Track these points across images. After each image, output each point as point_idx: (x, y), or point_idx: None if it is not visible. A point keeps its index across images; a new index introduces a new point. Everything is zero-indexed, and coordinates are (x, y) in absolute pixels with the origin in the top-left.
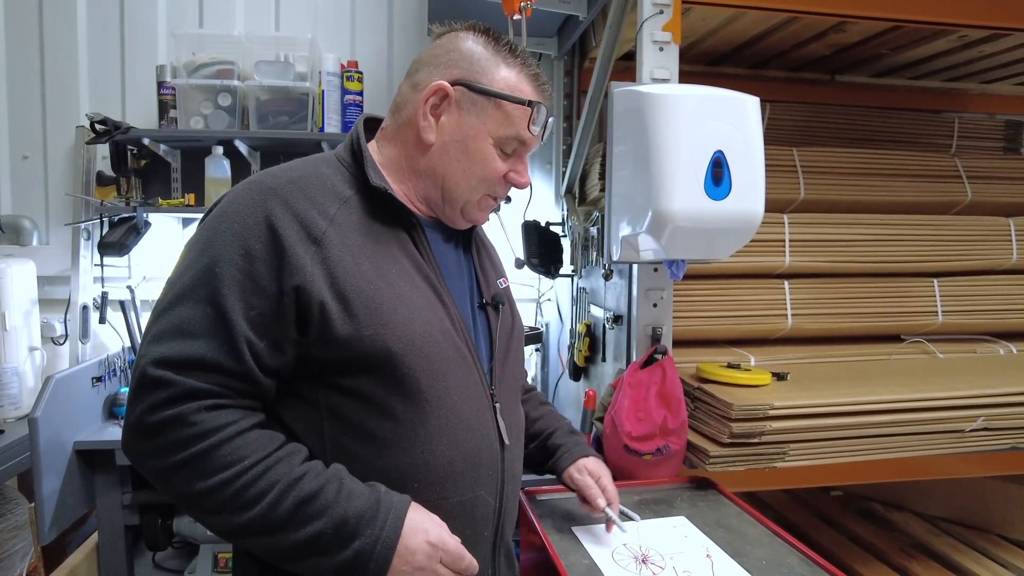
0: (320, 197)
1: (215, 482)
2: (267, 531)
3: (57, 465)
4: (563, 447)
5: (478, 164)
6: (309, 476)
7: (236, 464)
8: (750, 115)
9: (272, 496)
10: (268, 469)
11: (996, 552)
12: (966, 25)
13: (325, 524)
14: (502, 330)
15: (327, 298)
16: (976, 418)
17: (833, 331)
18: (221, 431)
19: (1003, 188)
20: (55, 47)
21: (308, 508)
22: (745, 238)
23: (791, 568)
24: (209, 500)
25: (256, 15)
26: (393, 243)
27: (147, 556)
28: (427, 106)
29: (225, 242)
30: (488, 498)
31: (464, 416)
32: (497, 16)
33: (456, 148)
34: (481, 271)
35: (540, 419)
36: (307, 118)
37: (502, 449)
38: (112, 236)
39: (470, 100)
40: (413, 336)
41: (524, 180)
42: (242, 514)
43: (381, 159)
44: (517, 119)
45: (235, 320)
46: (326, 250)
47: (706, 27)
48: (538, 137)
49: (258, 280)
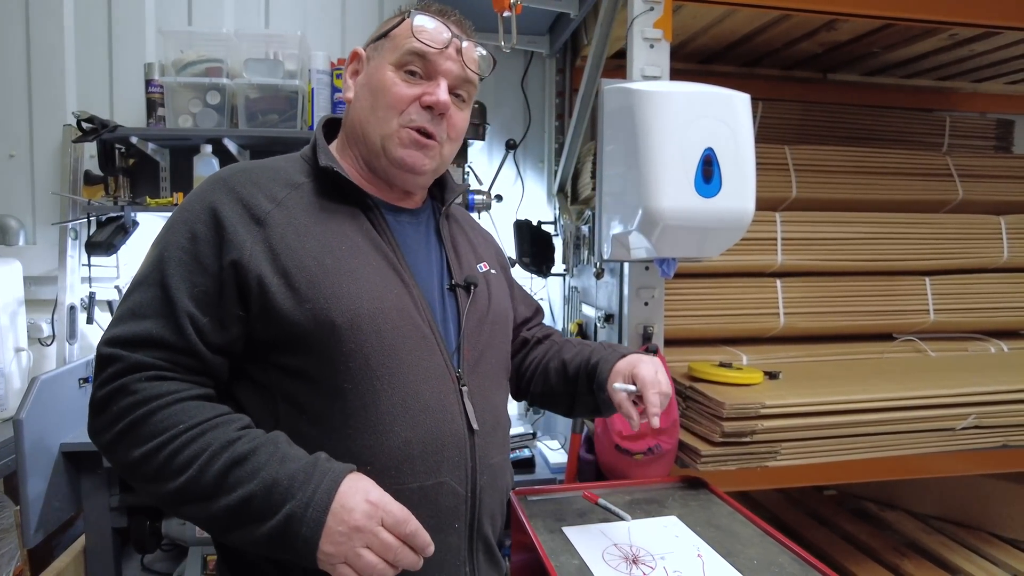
0: (269, 184)
1: (150, 448)
2: (199, 496)
3: (43, 467)
4: (601, 360)
5: (381, 94)
6: (243, 440)
7: (170, 429)
8: (740, 112)
9: (203, 460)
10: (202, 434)
11: (988, 550)
12: (956, 23)
13: (255, 487)
14: (473, 312)
15: (266, 272)
16: (967, 416)
17: (825, 330)
18: (159, 399)
19: (994, 186)
20: (41, 44)
21: (238, 471)
22: (736, 236)
23: (782, 567)
24: (145, 467)
25: (245, 13)
26: (347, 223)
27: (135, 559)
28: (347, 72)
29: (175, 230)
30: (455, 486)
31: (423, 397)
32: (487, 13)
33: (364, 92)
34: (455, 252)
35: (579, 353)
36: (296, 116)
37: (470, 435)
38: (100, 235)
39: (373, 48)
40: (360, 310)
41: (437, 97)
42: (175, 479)
43: (337, 146)
44: (403, 36)
45: (178, 297)
46: (269, 229)
47: (697, 25)
48: (442, 51)
49: (201, 259)
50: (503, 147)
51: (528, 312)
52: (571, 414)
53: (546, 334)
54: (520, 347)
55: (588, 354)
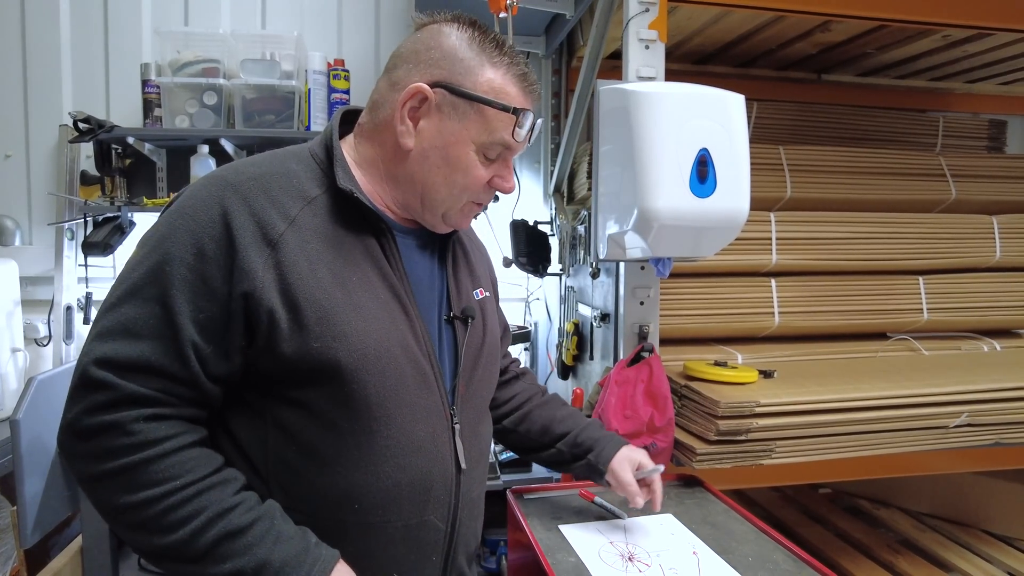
0: (282, 196)
1: (142, 498)
2: (186, 558)
3: (40, 467)
4: (600, 440)
5: (460, 172)
6: (240, 509)
7: (167, 483)
8: (735, 113)
9: (197, 524)
10: (199, 493)
11: (980, 547)
12: (950, 24)
13: (246, 563)
14: (469, 346)
15: (276, 306)
16: (960, 414)
17: (820, 329)
18: (158, 445)
19: (987, 186)
20: (38, 44)
21: (231, 544)
22: (731, 236)
23: (777, 564)
24: (132, 515)
25: (242, 13)
26: (358, 249)
27: (132, 559)
28: (405, 109)
29: (178, 239)
30: (438, 523)
31: (416, 437)
32: (483, 14)
33: (436, 155)
34: (455, 281)
35: (567, 419)
36: (293, 117)
37: (458, 473)
38: (96, 236)
39: (451, 104)
40: (367, 350)
41: (509, 185)
42: (163, 536)
43: (356, 156)
44: (501, 125)
45: (182, 323)
46: (281, 254)
47: (692, 26)
48: (524, 142)
49: (209, 282)
50: None
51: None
52: (523, 456)
53: (522, 371)
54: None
55: (583, 425)
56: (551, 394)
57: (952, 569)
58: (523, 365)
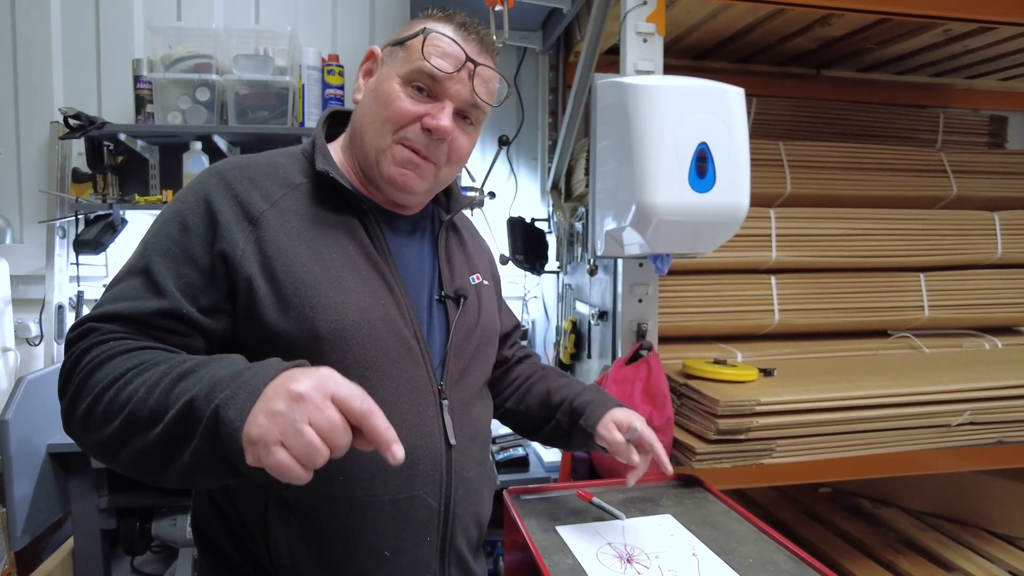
0: (265, 182)
1: (96, 392)
2: (144, 423)
3: (30, 468)
4: (592, 403)
5: (382, 105)
6: (193, 361)
7: (120, 370)
8: (734, 107)
9: (149, 383)
10: (151, 367)
11: (982, 547)
12: (951, 18)
13: (198, 390)
14: (461, 324)
15: (255, 275)
16: (962, 412)
17: (820, 326)
18: (113, 348)
19: (988, 183)
20: (27, 39)
21: (184, 382)
22: (730, 231)
23: (778, 565)
24: (91, 417)
25: (235, 8)
26: (340, 230)
27: (125, 561)
28: (361, 71)
29: (166, 220)
30: (428, 500)
31: (400, 410)
32: (479, 8)
33: (370, 97)
34: (447, 263)
35: (563, 388)
36: (287, 113)
37: (448, 449)
38: (88, 234)
39: (388, 53)
40: (345, 321)
41: (436, 123)
42: (119, 415)
43: (342, 143)
44: (416, 51)
45: (164, 283)
46: (261, 230)
47: (691, 20)
48: (452, 75)
49: (190, 251)
50: (496, 143)
51: (509, 326)
52: (532, 437)
53: (526, 354)
54: (500, 363)
55: (578, 391)
56: (550, 367)
57: (954, 569)
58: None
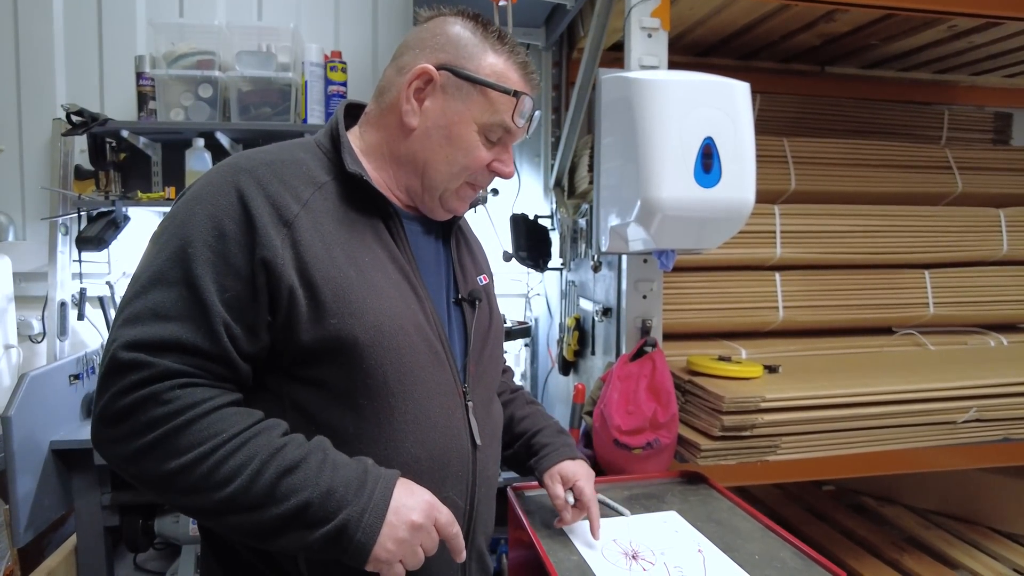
0: (294, 181)
1: (190, 458)
2: (248, 506)
3: (32, 465)
4: (548, 447)
5: (461, 151)
6: (291, 446)
7: (212, 439)
8: (740, 101)
9: (252, 468)
10: (246, 442)
11: (987, 544)
12: (956, 13)
13: (311, 494)
14: (478, 327)
15: (295, 282)
16: (968, 409)
17: (824, 323)
18: (196, 407)
19: (993, 179)
20: (30, 36)
21: (291, 479)
22: (736, 227)
23: (784, 562)
24: (184, 478)
25: (238, 4)
26: (368, 232)
27: (128, 558)
28: (410, 90)
29: (197, 223)
30: (457, 500)
31: (432, 414)
32: (483, 4)
33: (439, 134)
34: (459, 265)
35: (526, 418)
36: (290, 109)
37: (473, 450)
38: (90, 231)
39: (455, 85)
40: (382, 327)
41: (508, 170)
42: (221, 490)
43: (362, 145)
44: (502, 107)
45: (211, 301)
46: (297, 233)
47: (695, 16)
48: (524, 128)
49: (231, 261)
50: None
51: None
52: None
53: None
54: None
55: (540, 426)
56: (519, 392)
57: (959, 567)
58: (507, 364)
